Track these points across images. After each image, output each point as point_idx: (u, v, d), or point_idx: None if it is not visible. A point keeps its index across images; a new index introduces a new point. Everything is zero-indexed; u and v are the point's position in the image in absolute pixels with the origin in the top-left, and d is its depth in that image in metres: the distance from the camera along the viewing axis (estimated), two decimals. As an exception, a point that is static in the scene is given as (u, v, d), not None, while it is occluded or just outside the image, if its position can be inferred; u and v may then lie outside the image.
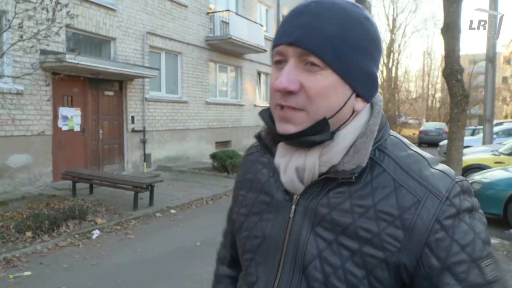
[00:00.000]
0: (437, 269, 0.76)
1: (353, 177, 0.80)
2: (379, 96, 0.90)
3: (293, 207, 0.87)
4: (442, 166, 0.84)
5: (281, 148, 0.90)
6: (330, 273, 0.81)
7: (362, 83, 0.81)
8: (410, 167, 0.82)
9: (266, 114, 0.89)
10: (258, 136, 0.94)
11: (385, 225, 0.78)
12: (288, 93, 0.79)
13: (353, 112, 0.83)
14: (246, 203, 1.00)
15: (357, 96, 0.82)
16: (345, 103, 0.81)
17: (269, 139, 0.93)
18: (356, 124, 0.84)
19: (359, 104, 0.83)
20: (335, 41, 0.77)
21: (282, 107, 0.81)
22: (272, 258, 0.89)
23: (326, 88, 0.78)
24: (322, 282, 0.82)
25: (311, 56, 0.77)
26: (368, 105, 0.88)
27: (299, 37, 0.77)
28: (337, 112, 0.80)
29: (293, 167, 0.85)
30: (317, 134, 0.80)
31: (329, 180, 0.84)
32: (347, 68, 0.78)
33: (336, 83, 0.79)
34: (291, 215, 0.87)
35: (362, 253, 0.79)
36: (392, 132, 0.90)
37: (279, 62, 0.82)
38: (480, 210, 0.83)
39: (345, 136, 0.83)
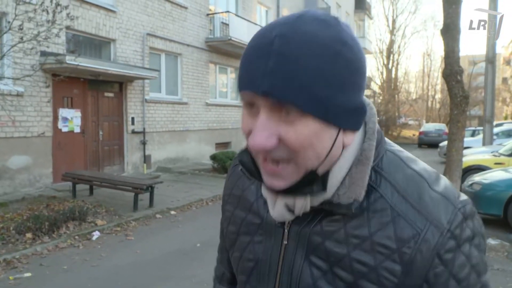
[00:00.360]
0: None
1: (350, 213, 0.75)
2: (372, 109, 0.82)
3: (286, 231, 0.83)
4: (443, 187, 0.78)
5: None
6: None
7: (349, 118, 0.72)
8: (409, 193, 0.76)
9: (247, 159, 0.81)
10: (241, 161, 0.83)
11: (382, 259, 0.73)
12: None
13: (344, 147, 0.75)
14: (234, 221, 0.96)
15: (345, 130, 0.73)
16: (333, 144, 0.72)
17: (254, 163, 0.80)
18: (348, 156, 0.76)
19: (348, 137, 0.74)
20: (311, 85, 0.66)
21: (265, 158, 0.73)
22: (266, 283, 0.86)
23: (309, 137, 0.69)
24: None
25: (286, 105, 0.67)
26: (358, 137, 0.79)
27: (269, 87, 0.66)
28: (326, 156, 0.72)
29: (282, 203, 0.78)
30: (308, 185, 0.73)
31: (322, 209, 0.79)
32: (329, 111, 0.68)
33: (318, 129, 0.69)
34: (285, 242, 0.83)
35: (358, 287, 0.75)
36: (388, 145, 0.84)
37: (250, 105, 0.72)
38: (482, 232, 0.78)
39: (337, 174, 0.75)
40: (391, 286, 0.73)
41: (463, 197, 0.78)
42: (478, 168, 9.70)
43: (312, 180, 0.73)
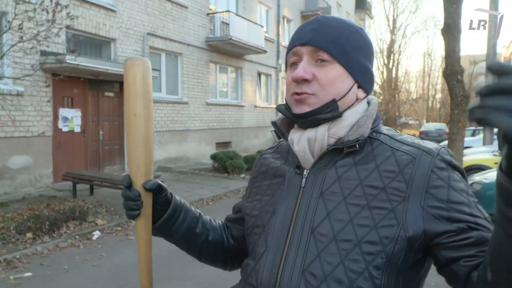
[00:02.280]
0: (442, 208, 0.86)
1: (357, 145, 0.93)
2: (375, 99, 1.07)
3: (304, 180, 0.98)
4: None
5: (294, 130, 1.04)
6: (339, 228, 0.89)
7: (362, 76, 0.99)
8: (404, 138, 0.97)
9: (283, 107, 1.03)
10: (274, 123, 1.07)
11: (389, 181, 0.90)
12: (303, 82, 0.95)
13: (356, 99, 1.00)
14: (260, 191, 1.10)
15: (359, 87, 1.00)
16: (350, 90, 0.97)
17: (284, 126, 1.07)
18: (358, 108, 1.00)
19: (361, 93, 1.01)
20: (339, 40, 0.95)
21: (297, 94, 0.96)
22: (282, 227, 0.97)
23: (334, 77, 0.95)
24: (332, 238, 0.89)
25: (321, 51, 0.95)
26: (365, 101, 1.04)
27: (310, 38, 0.96)
28: (344, 96, 0.96)
29: (306, 138, 0.98)
30: (328, 112, 0.94)
31: (335, 153, 0.96)
32: (350, 62, 0.96)
33: (341, 74, 0.96)
34: (303, 186, 0.98)
35: (370, 207, 0.88)
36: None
37: (294, 64, 1.00)
38: (466, 176, 0.95)
39: (350, 115, 0.97)
40: (400, 200, 0.88)
41: None
42: (479, 168, 9.68)
43: (332, 109, 0.94)
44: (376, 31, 68.50)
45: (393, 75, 47.34)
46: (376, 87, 44.38)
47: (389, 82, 45.90)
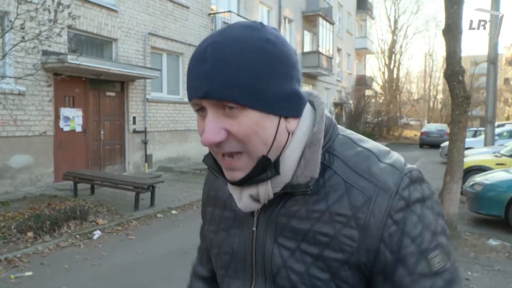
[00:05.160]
0: (391, 262, 0.79)
1: (309, 190, 0.81)
2: (320, 99, 0.91)
3: (255, 219, 0.90)
4: (392, 159, 0.85)
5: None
6: (296, 280, 0.83)
7: (285, 106, 0.80)
8: (359, 166, 0.83)
9: (211, 161, 0.89)
10: (206, 163, 0.92)
11: (340, 227, 0.80)
12: (219, 143, 0.78)
13: (289, 133, 0.83)
14: (214, 220, 1.02)
15: (286, 117, 0.81)
16: (277, 130, 0.80)
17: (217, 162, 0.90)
18: (299, 135, 0.84)
19: (291, 124, 0.82)
20: (242, 80, 0.75)
21: (223, 155, 0.81)
22: (243, 272, 0.92)
23: (252, 127, 0.77)
24: None
25: (225, 102, 0.75)
26: (309, 109, 0.88)
27: (207, 89, 0.75)
28: (273, 142, 0.80)
29: (247, 195, 0.85)
30: (263, 172, 0.81)
31: (286, 192, 0.85)
32: (264, 101, 0.77)
33: (259, 119, 0.77)
34: (254, 228, 0.90)
35: (324, 258, 0.81)
36: (341, 130, 0.91)
37: (200, 110, 0.80)
38: (434, 197, 0.84)
39: (291, 155, 0.83)
40: (352, 250, 0.79)
41: (411, 166, 0.86)
42: (480, 169, 9.68)
43: (266, 166, 0.80)
44: (377, 32, 68.52)
45: (394, 75, 47.31)
46: (377, 88, 44.38)
47: (390, 82, 45.87)
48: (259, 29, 0.79)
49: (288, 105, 0.81)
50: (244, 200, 0.86)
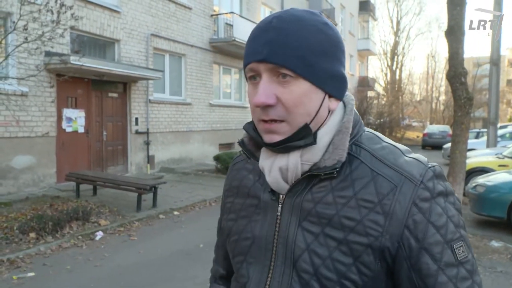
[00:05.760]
0: (416, 250, 0.82)
1: (335, 172, 0.85)
2: (351, 96, 0.98)
3: (280, 206, 0.92)
4: (415, 155, 0.91)
5: (264, 151, 0.94)
6: (319, 264, 0.85)
7: (332, 85, 0.88)
8: (385, 157, 0.88)
9: (250, 127, 0.95)
10: (242, 142, 0.98)
11: (366, 212, 0.84)
12: (268, 107, 0.84)
13: (329, 111, 0.90)
14: (234, 209, 1.04)
15: (330, 96, 0.89)
16: (321, 105, 0.87)
17: (252, 145, 0.98)
18: (331, 123, 0.91)
19: (333, 103, 0.90)
20: (300, 51, 0.82)
21: (265, 121, 0.86)
22: (263, 256, 0.93)
23: (300, 97, 0.84)
24: (313, 274, 0.86)
25: (282, 69, 0.82)
26: (341, 104, 0.94)
27: (267, 53, 0.82)
28: (315, 115, 0.87)
29: (277, 167, 0.89)
30: (300, 139, 0.86)
31: (312, 177, 0.89)
32: (316, 74, 0.84)
33: (308, 90, 0.84)
34: (279, 214, 0.92)
35: (348, 241, 0.84)
36: (367, 129, 0.97)
37: (253, 78, 0.87)
38: (455, 195, 0.88)
39: (323, 136, 0.89)
40: (377, 235, 0.83)
41: (434, 163, 0.91)
42: (482, 170, 9.66)
43: (305, 135, 0.86)
44: (379, 33, 68.48)
45: (397, 77, 47.24)
46: (379, 89, 44.32)
47: (392, 84, 45.80)
48: (318, 14, 0.90)
49: (335, 84, 0.89)
50: (273, 173, 0.90)
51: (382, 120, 34.45)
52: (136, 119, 12.13)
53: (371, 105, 33.92)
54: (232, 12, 15.68)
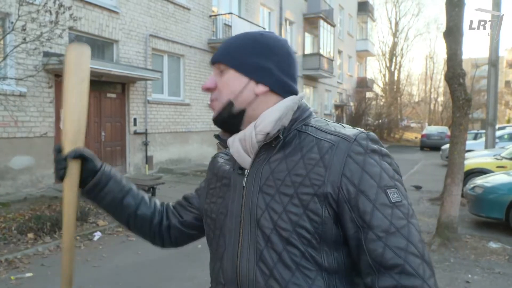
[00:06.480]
0: (353, 193, 0.96)
1: (280, 136, 1.03)
2: (303, 97, 1.15)
3: (245, 179, 1.09)
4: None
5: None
6: (276, 218, 1.00)
7: (256, 73, 1.09)
8: (328, 129, 1.06)
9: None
10: (217, 135, 1.20)
11: (311, 167, 1.00)
12: (209, 90, 1.14)
13: (256, 94, 1.10)
14: (215, 193, 1.20)
15: (258, 83, 1.09)
16: (244, 87, 1.09)
17: (227, 136, 1.16)
18: (281, 104, 1.08)
19: (259, 88, 1.09)
20: (229, 50, 1.12)
21: (210, 102, 1.16)
22: (235, 225, 1.08)
23: (227, 80, 1.11)
24: (272, 228, 1.00)
25: (218, 64, 1.14)
26: (297, 99, 1.11)
27: (212, 58, 1.16)
28: (238, 94, 1.09)
29: (237, 139, 1.10)
30: (229, 114, 1.10)
31: (269, 150, 1.07)
32: (240, 64, 1.10)
33: (233, 76, 1.10)
34: (244, 185, 1.08)
35: (298, 194, 0.98)
36: (317, 116, 1.16)
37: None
38: (394, 160, 1.04)
39: (273, 112, 1.06)
40: (320, 184, 0.97)
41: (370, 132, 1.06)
42: (480, 171, 9.67)
43: (231, 109, 1.10)
44: (378, 34, 68.53)
45: (395, 77, 47.31)
46: (378, 90, 44.36)
47: (391, 85, 45.88)
48: (263, 31, 1.16)
49: (260, 74, 1.10)
50: (235, 144, 1.10)
51: (380, 121, 34.51)
52: (135, 119, 12.12)
53: (369, 106, 33.98)
54: (230, 13, 15.69)
